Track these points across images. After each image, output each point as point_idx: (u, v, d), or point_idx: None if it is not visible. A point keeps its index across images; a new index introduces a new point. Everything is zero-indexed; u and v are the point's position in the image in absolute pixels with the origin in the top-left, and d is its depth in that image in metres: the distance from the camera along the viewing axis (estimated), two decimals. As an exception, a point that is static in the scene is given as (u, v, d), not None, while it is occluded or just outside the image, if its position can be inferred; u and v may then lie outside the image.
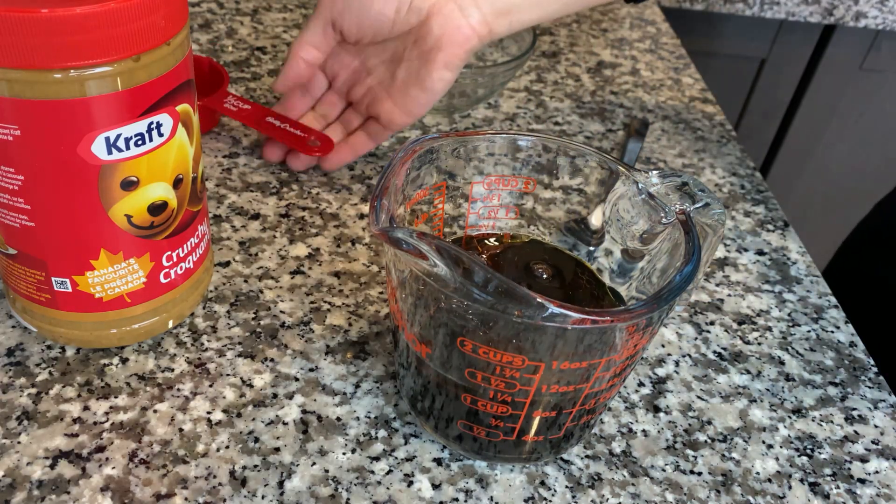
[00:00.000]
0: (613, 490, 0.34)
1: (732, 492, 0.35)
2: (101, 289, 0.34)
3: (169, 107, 0.32)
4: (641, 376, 0.40)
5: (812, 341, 0.44)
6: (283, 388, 0.37)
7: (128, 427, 0.34)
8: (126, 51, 0.29)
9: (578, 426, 0.33)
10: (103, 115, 0.29)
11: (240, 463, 0.33)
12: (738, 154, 0.60)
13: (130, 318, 0.36)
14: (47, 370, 0.36)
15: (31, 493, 0.31)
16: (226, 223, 0.46)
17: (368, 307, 0.42)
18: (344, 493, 0.33)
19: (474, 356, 0.29)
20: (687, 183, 0.33)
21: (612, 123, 0.61)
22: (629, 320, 0.28)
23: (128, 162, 0.31)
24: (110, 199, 0.32)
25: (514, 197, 0.38)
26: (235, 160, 0.51)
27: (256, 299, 0.41)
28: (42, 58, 0.27)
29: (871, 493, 0.36)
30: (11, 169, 0.30)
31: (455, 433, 0.33)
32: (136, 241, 0.34)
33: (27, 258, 0.33)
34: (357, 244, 0.46)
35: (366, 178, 0.51)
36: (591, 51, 0.73)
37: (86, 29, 0.27)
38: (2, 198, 0.31)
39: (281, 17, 0.71)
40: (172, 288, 0.36)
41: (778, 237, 0.52)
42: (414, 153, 0.33)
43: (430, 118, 0.59)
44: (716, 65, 1.07)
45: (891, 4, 1.01)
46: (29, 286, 0.34)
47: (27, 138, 0.29)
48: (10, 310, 0.38)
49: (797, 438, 0.38)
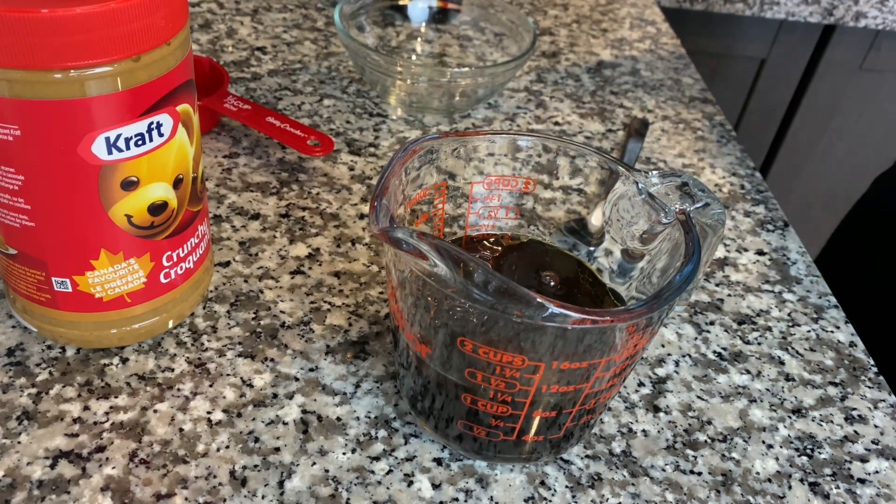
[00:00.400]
0: (613, 490, 0.34)
1: (732, 492, 0.35)
2: (101, 289, 0.34)
3: (169, 107, 0.32)
4: (641, 376, 0.40)
5: (812, 341, 0.44)
6: (283, 388, 0.37)
7: (128, 427, 0.34)
8: (126, 51, 0.29)
9: (578, 426, 0.33)
10: (103, 115, 0.29)
11: (240, 463, 0.33)
12: (738, 154, 0.60)
13: (130, 318, 0.36)
14: (47, 370, 0.36)
15: (31, 493, 0.31)
16: (226, 223, 0.46)
17: (368, 307, 0.42)
18: (344, 493, 0.33)
19: (474, 356, 0.29)
20: (687, 183, 0.33)
21: (612, 123, 0.61)
22: (629, 320, 0.28)
23: (128, 162, 0.31)
24: (110, 199, 0.32)
25: (514, 197, 0.38)
26: (235, 160, 0.51)
27: (256, 299, 0.41)
28: (42, 58, 0.27)
29: (871, 493, 0.36)
30: (11, 169, 0.30)
31: (455, 433, 0.33)
32: (136, 241, 0.34)
33: (27, 258, 0.33)
34: (357, 244, 0.46)
35: (366, 178, 0.51)
36: (591, 51, 0.73)
37: (86, 29, 0.27)
38: (2, 198, 0.31)
39: (281, 18, 0.71)
40: (172, 288, 0.36)
41: (778, 237, 0.52)
42: (414, 153, 0.33)
43: (430, 118, 0.59)
44: (716, 65, 1.07)
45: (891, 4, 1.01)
46: (29, 286, 0.34)
47: (27, 138, 0.29)
48: (10, 310, 0.38)
49: (797, 438, 0.38)
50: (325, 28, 0.70)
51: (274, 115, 0.52)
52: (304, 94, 0.60)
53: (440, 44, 0.67)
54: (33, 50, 0.27)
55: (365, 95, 0.61)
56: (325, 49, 0.67)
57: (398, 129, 0.57)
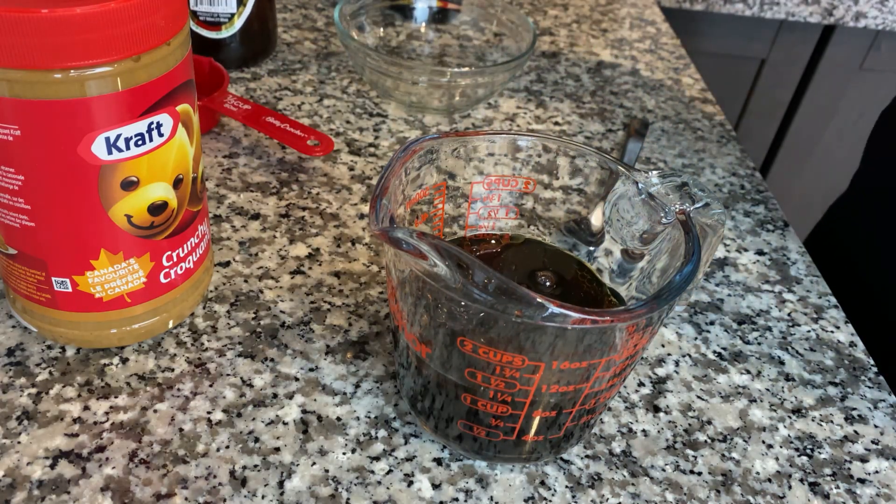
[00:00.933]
0: (613, 490, 0.34)
1: (732, 492, 0.35)
2: (101, 289, 0.34)
3: (169, 107, 0.32)
4: (641, 376, 0.40)
5: (812, 341, 0.44)
6: (283, 388, 0.37)
7: (128, 427, 0.34)
8: (126, 51, 0.29)
9: (578, 426, 0.33)
10: (103, 116, 0.29)
11: (240, 463, 0.33)
12: (738, 154, 0.60)
13: (130, 318, 0.36)
14: (47, 370, 0.36)
15: (31, 493, 0.31)
16: (226, 223, 0.46)
17: (368, 307, 0.42)
18: (344, 493, 0.33)
19: (474, 356, 0.29)
20: (687, 183, 0.33)
21: (612, 123, 0.61)
22: (629, 320, 0.28)
23: (128, 162, 0.31)
24: (110, 199, 0.32)
25: (514, 197, 0.38)
26: (235, 160, 0.51)
27: (256, 299, 0.41)
28: (42, 58, 0.27)
29: (871, 493, 0.36)
30: (11, 169, 0.30)
31: (455, 433, 0.33)
32: (136, 241, 0.34)
33: (27, 258, 0.33)
34: (357, 244, 0.46)
35: (366, 178, 0.51)
36: (591, 51, 0.73)
37: (86, 29, 0.27)
38: (2, 198, 0.31)
39: (281, 18, 0.71)
40: (172, 288, 0.36)
41: (778, 237, 0.52)
42: (414, 153, 0.33)
43: (430, 118, 0.59)
44: (716, 65, 1.07)
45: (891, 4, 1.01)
46: (29, 286, 0.34)
47: (27, 138, 0.29)
48: (10, 310, 0.38)
49: (797, 438, 0.38)
50: (325, 28, 0.70)
51: (274, 115, 0.52)
52: (304, 94, 0.60)
53: (440, 44, 0.67)
54: (33, 50, 0.27)
55: (365, 95, 0.61)
56: (325, 49, 0.67)
57: (398, 129, 0.57)
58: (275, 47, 0.65)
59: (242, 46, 0.61)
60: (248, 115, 0.51)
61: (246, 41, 0.61)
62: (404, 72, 0.56)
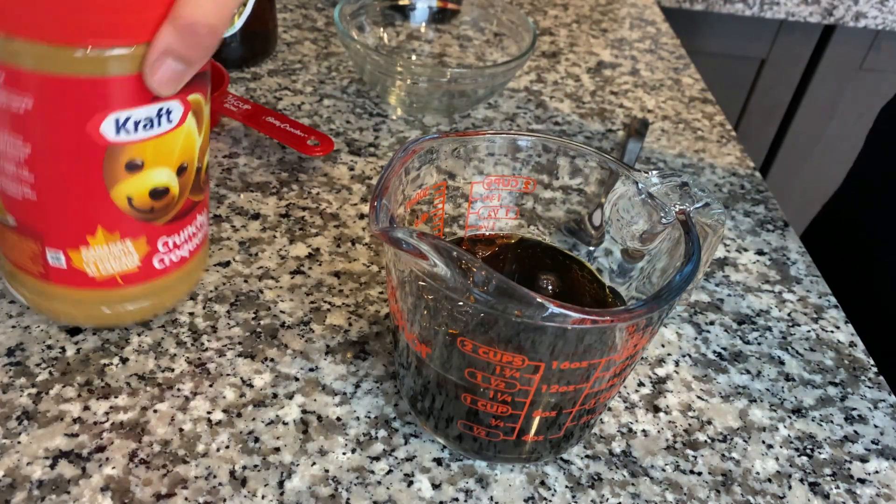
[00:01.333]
0: (613, 490, 0.34)
1: (732, 492, 0.35)
2: (94, 267, 0.34)
3: (181, 94, 0.32)
4: (641, 376, 0.40)
5: (812, 341, 0.44)
6: (283, 388, 0.37)
7: (128, 427, 0.34)
8: (147, 35, 0.29)
9: (578, 426, 0.33)
10: (116, 96, 0.30)
11: (240, 463, 0.33)
12: (738, 154, 0.60)
13: (121, 299, 0.36)
14: (47, 370, 0.36)
15: (31, 493, 0.31)
16: (226, 223, 0.46)
17: (368, 307, 0.42)
18: (344, 493, 0.33)
19: (474, 356, 0.29)
20: (687, 183, 0.33)
21: (612, 123, 0.61)
22: (629, 320, 0.28)
23: (134, 144, 0.31)
24: (113, 180, 0.32)
25: (514, 197, 0.38)
26: (235, 160, 0.51)
27: (256, 299, 0.41)
28: (66, 34, 0.28)
29: (871, 493, 0.36)
30: (20, 139, 0.30)
31: (455, 433, 0.33)
32: (134, 223, 0.34)
33: (25, 228, 0.33)
34: (357, 244, 0.46)
35: (366, 178, 0.51)
36: (591, 51, 0.73)
37: (112, 10, 0.28)
38: (7, 167, 0.31)
39: (281, 18, 0.71)
40: (165, 274, 0.37)
41: (778, 237, 0.52)
42: (414, 153, 0.33)
43: (430, 118, 0.59)
44: (716, 65, 1.07)
45: (891, 4, 1.01)
46: (24, 258, 0.34)
47: (39, 111, 0.30)
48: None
49: (797, 438, 0.38)
50: (325, 28, 0.70)
51: (274, 115, 0.52)
52: (304, 94, 0.60)
53: (440, 44, 0.67)
54: (60, 25, 0.27)
55: (365, 95, 0.61)
56: (325, 49, 0.67)
57: (398, 129, 0.57)
58: (275, 47, 0.65)
59: (242, 46, 0.61)
60: (248, 114, 0.51)
61: (246, 41, 0.61)
62: (404, 72, 0.56)
